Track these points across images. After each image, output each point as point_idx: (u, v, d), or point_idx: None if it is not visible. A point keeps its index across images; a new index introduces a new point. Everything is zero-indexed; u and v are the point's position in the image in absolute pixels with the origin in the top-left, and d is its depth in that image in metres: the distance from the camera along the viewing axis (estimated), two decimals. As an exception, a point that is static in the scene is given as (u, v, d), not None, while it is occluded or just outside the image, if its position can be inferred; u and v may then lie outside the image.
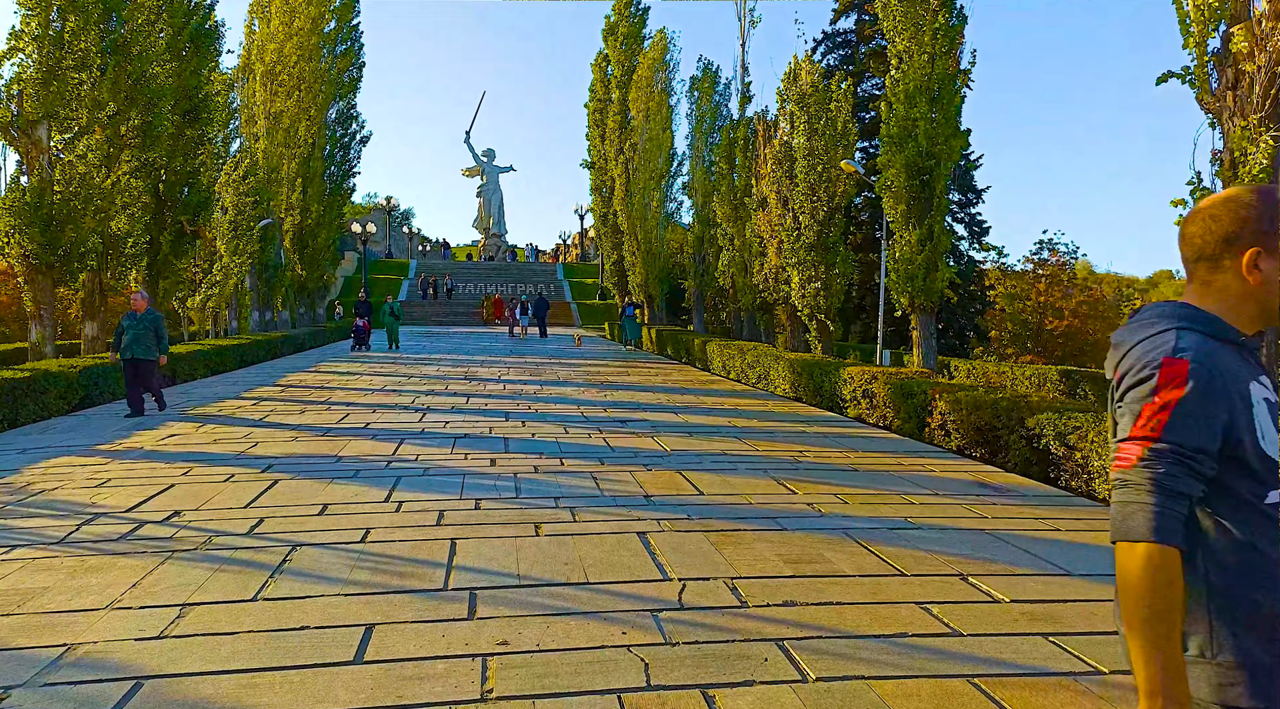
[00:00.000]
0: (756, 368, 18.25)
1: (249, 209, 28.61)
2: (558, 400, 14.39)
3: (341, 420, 11.59)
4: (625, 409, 13.29)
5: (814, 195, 19.31)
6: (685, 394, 15.81)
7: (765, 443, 10.13)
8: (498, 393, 15.48)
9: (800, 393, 15.81)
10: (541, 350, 28.77)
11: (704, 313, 34.04)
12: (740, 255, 25.75)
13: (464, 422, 11.60)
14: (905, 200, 15.31)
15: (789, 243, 19.95)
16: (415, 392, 15.43)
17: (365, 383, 17.03)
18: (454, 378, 18.42)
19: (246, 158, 28.37)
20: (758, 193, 23.71)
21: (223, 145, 28.95)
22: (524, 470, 8.26)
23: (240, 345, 21.92)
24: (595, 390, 16.08)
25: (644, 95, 38.86)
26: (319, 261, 38.78)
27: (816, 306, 19.41)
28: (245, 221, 28.43)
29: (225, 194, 27.91)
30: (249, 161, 28.32)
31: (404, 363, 22.53)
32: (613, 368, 22.00)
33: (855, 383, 13.34)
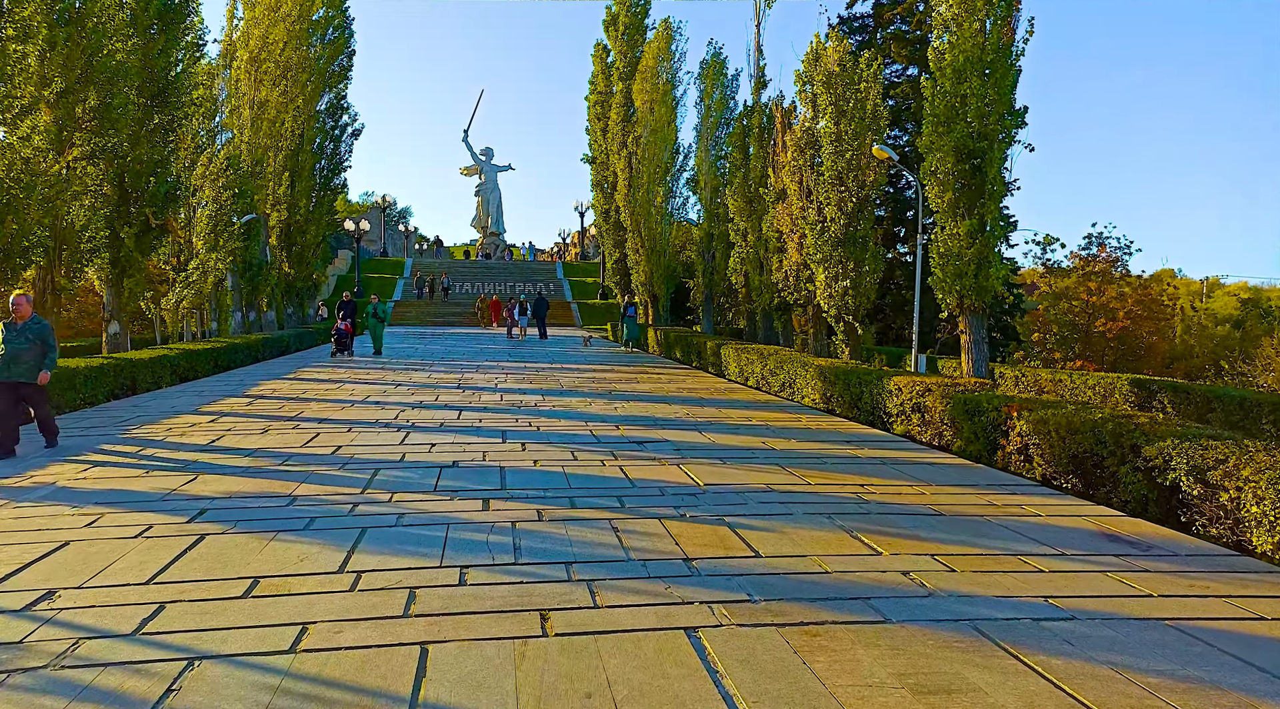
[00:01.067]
0: (780, 374, 16.52)
1: (230, 203, 26.84)
2: (563, 415, 12.64)
3: (309, 443, 9.83)
4: (641, 426, 11.54)
5: (841, 184, 17.56)
6: (705, 406, 14.06)
7: (816, 473, 8.38)
8: (494, 405, 13.73)
9: (834, 404, 14.08)
10: (542, 354, 27.02)
11: (712, 313, 32.25)
12: (754, 251, 24.02)
13: (453, 444, 9.84)
14: (953, 187, 13.58)
15: (813, 237, 18.21)
16: (400, 404, 13.67)
17: (345, 393, 15.27)
18: (446, 386, 16.66)
19: (226, 148, 26.56)
20: (775, 184, 21.99)
21: (207, 137, 27.24)
22: (525, 518, 6.51)
23: (215, 349, 20.15)
24: (603, 402, 14.34)
25: (648, 86, 37.22)
26: (308, 259, 37.00)
27: (844, 307, 17.67)
28: (226, 216, 26.68)
29: (204, 187, 26.15)
30: (228, 151, 26.50)
31: (392, 368, 20.75)
32: (620, 373, 20.25)
33: (904, 395, 11.61)
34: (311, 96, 36.45)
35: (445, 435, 10.46)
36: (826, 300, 17.92)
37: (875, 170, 17.46)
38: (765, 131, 23.61)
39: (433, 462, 8.71)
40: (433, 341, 32.80)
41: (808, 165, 19.46)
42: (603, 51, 46.08)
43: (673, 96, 37.16)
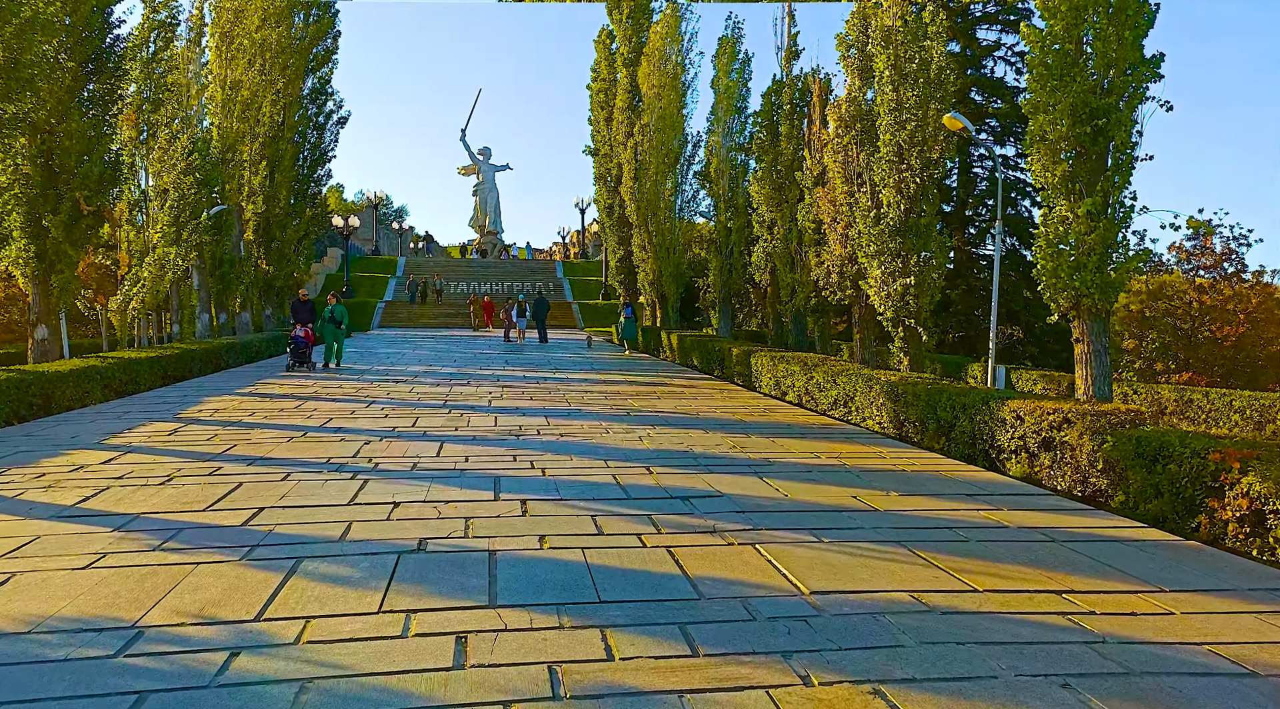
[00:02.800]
0: (831, 390, 13.66)
1: (194, 192, 23.95)
2: (574, 448, 9.77)
3: (218, 502, 6.96)
4: (679, 467, 8.67)
5: (902, 162, 14.71)
6: (750, 433, 11.20)
7: (966, 563, 5.52)
8: (486, 432, 10.86)
9: (909, 430, 11.24)
10: (543, 360, 24.14)
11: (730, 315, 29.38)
12: (784, 245, 21.17)
13: (425, 503, 6.97)
14: (1069, 157, 10.73)
15: (865, 226, 15.35)
16: (366, 433, 10.80)
17: (302, 415, 12.39)
18: (429, 404, 13.79)
19: (188, 129, 23.68)
20: (812, 167, 19.14)
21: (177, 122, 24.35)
22: (529, 683, 3.66)
23: (162, 358, 17.24)
24: (623, 428, 11.47)
25: (656, 70, 34.43)
26: (288, 256, 34.08)
27: (904, 308, 14.81)
28: (189, 207, 23.79)
29: (161, 173, 23.27)
30: (191, 133, 23.61)
31: (369, 380, 17.87)
32: (634, 386, 17.38)
33: (1026, 425, 8.76)
34: (292, 80, 33.60)
35: (416, 486, 7.59)
36: (882, 300, 15.07)
37: (943, 145, 14.62)
38: (797, 109, 20.78)
39: (388, 542, 5.82)
40: (422, 345, 29.93)
41: (855, 143, 16.61)
42: (606, 37, 43.36)
43: (682, 82, 34.42)
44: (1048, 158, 10.87)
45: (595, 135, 43.71)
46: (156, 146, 23.00)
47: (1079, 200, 10.69)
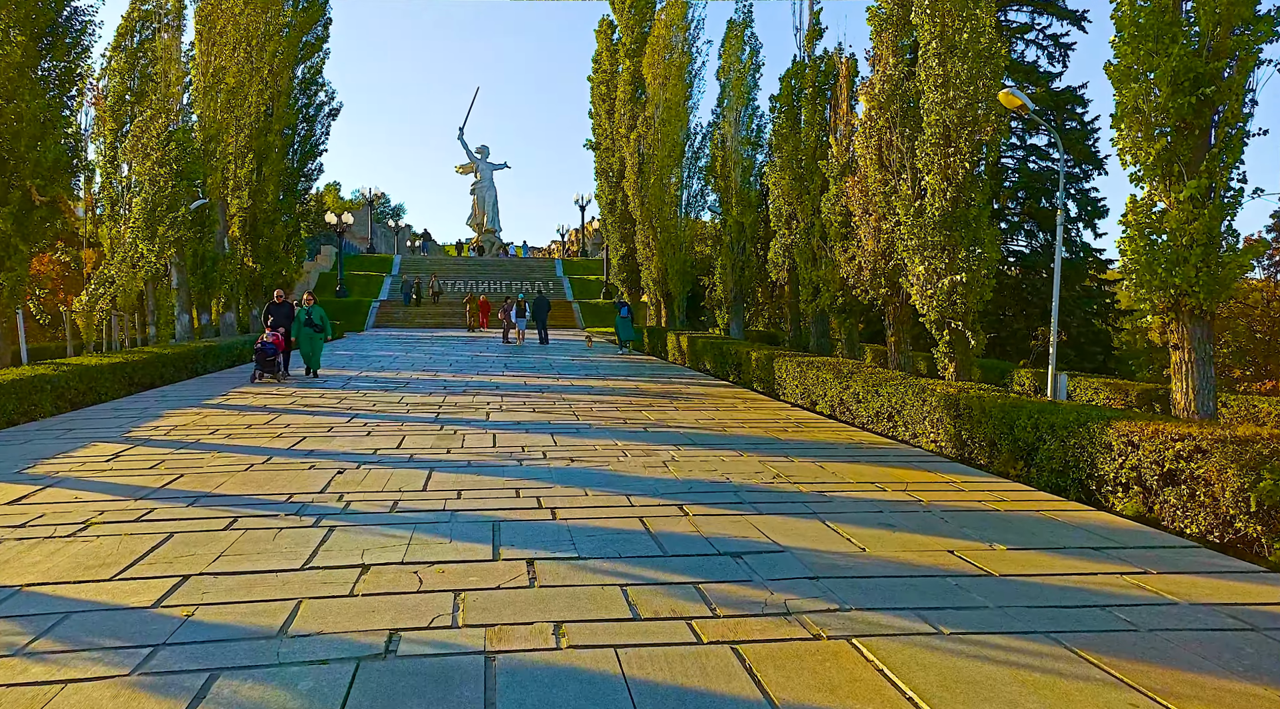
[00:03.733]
0: (873, 402, 12.07)
1: (171, 186, 22.34)
2: (588, 478, 8.16)
3: (132, 566, 5.36)
4: (720, 506, 7.08)
5: (949, 146, 13.11)
6: (791, 454, 9.60)
7: (1164, 676, 3.93)
8: (483, 455, 9.25)
9: (972, 451, 9.66)
10: (544, 363, 22.54)
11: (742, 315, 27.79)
12: (805, 240, 19.56)
13: (402, 569, 5.38)
14: (1167, 133, 9.14)
15: (906, 217, 13.76)
16: (342, 458, 9.19)
17: (270, 434, 10.79)
18: (418, 418, 12.19)
19: (163, 116, 22.03)
20: (838, 154, 17.54)
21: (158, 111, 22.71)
22: None
23: (127, 364, 15.60)
24: (642, 448, 9.86)
25: (661, 58, 32.92)
26: (277, 253, 32.41)
27: (950, 309, 13.22)
28: (165, 200, 22.18)
29: (133, 163, 21.66)
30: (166, 121, 21.97)
31: (358, 386, 16.26)
32: (647, 394, 15.78)
33: (1142, 454, 7.17)
34: (281, 69, 31.97)
35: (393, 537, 5.99)
36: (925, 300, 13.47)
37: (995, 125, 13.02)
38: (819, 93, 19.17)
39: (346, 638, 4.22)
40: (417, 348, 28.33)
41: (890, 126, 15.02)
42: (608, 27, 41.87)
43: (688, 72, 32.91)
44: (1140, 135, 9.29)
45: (596, 129, 42.18)
46: (129, 135, 21.38)
47: (1178, 183, 9.10)
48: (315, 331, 17.38)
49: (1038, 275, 23.21)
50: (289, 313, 16.96)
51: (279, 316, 16.77)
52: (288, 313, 16.89)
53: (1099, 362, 23.34)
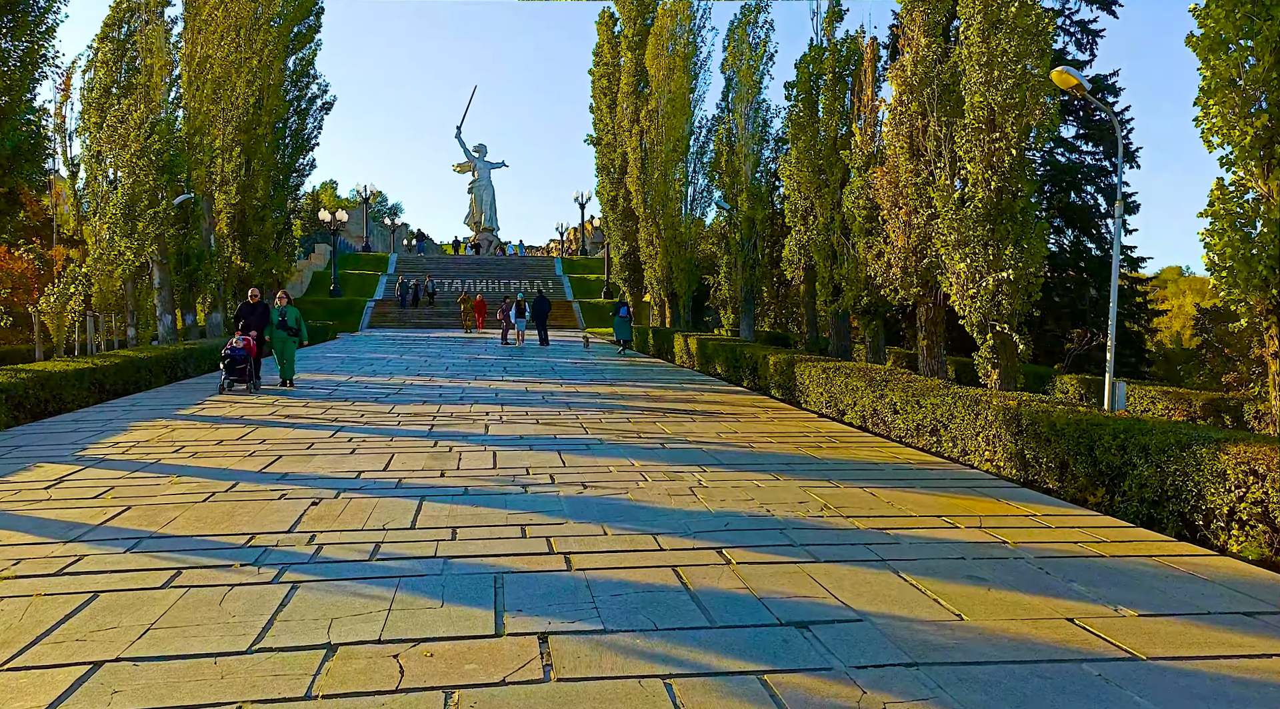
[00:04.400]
0: (915, 413, 10.89)
1: (152, 179, 21.13)
2: (606, 512, 6.97)
3: (26, 651, 4.17)
4: (767, 548, 5.89)
5: (994, 130, 11.93)
6: (831, 477, 8.42)
7: None
8: (482, 482, 8.05)
9: (1040, 474, 8.49)
10: (546, 367, 21.36)
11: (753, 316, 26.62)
12: (824, 236, 18.38)
13: (378, 651, 4.19)
14: (1266, 110, 7.96)
15: (945, 209, 12.58)
16: (319, 486, 8.01)
17: (244, 450, 9.60)
18: (410, 432, 10.99)
19: (142, 105, 20.80)
20: (862, 144, 16.35)
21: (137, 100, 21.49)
22: None
23: (96, 369, 14.38)
24: (664, 471, 8.67)
25: (665, 49, 31.81)
26: (267, 251, 31.24)
27: (995, 310, 12.05)
28: (145, 194, 20.98)
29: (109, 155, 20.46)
30: (147, 110, 20.73)
31: (346, 394, 15.06)
32: (658, 401, 14.59)
33: (1269, 486, 6.00)
34: (271, 59, 30.76)
35: (370, 599, 4.79)
36: (966, 301, 12.28)
37: (1044, 108, 11.84)
38: (840, 78, 17.99)
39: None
40: (412, 349, 27.13)
41: (924, 112, 13.85)
42: (609, 19, 40.74)
43: (693, 63, 31.80)
44: (1233, 111, 8.11)
45: (598, 124, 41.01)
46: (104, 123, 20.18)
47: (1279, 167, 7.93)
48: (289, 335, 15.79)
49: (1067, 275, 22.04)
50: (263, 314, 15.42)
51: (252, 319, 15.17)
52: (262, 314, 15.35)
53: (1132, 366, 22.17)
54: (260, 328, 15.23)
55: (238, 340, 14.53)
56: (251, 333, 14.81)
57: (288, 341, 15.78)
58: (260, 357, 15.21)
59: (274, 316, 15.68)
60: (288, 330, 15.74)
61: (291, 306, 16.05)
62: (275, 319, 15.65)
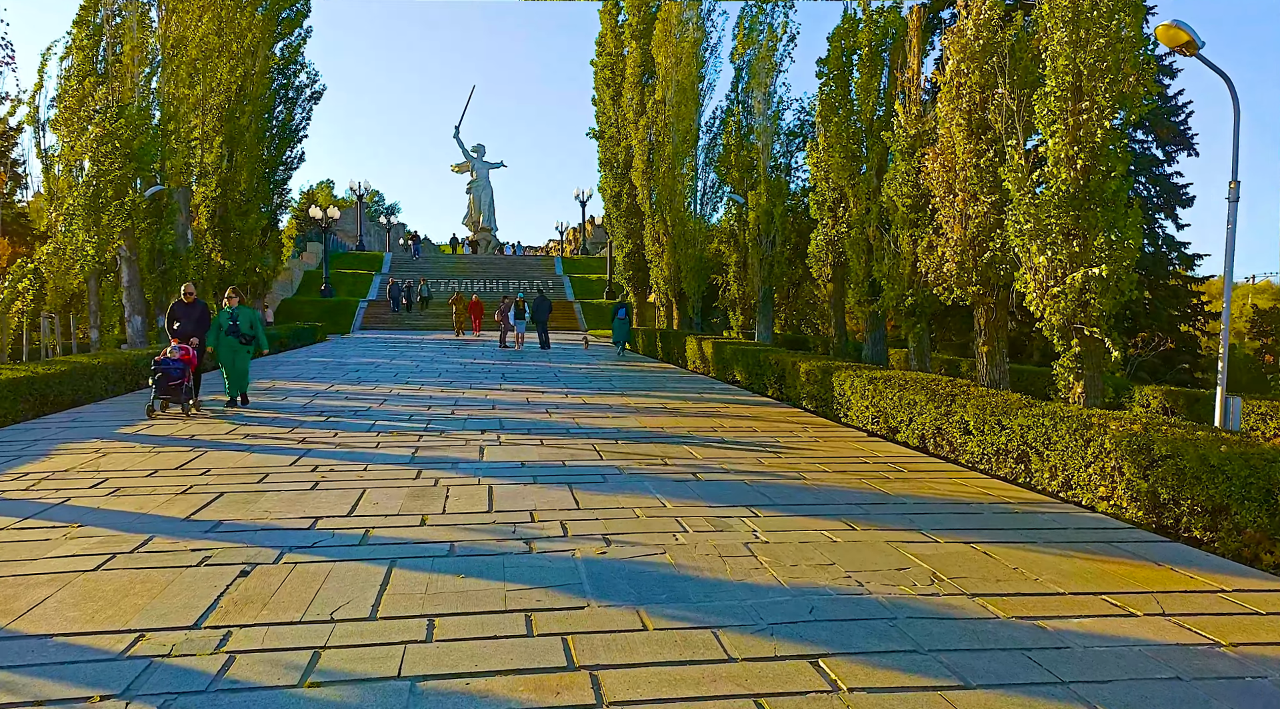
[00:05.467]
0: (991, 434, 9.03)
1: (117, 168, 19.29)
2: (640, 585, 5.10)
3: None
4: (873, 652, 4.07)
5: (1081, 99, 10.09)
6: (918, 525, 6.58)
7: None
8: (473, 536, 6.17)
9: (1180, 517, 6.66)
10: (548, 374, 19.52)
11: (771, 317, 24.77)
12: (859, 229, 16.55)
13: None
14: None
15: (1019, 194, 10.75)
16: (260, 539, 6.15)
17: (177, 486, 7.74)
18: (389, 459, 9.14)
19: (103, 85, 18.93)
20: (906, 125, 14.51)
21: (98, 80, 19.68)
22: None
23: (34, 379, 12.48)
24: (701, 514, 6.82)
25: (671, 36, 30.08)
26: (250, 248, 29.33)
27: (1082, 310, 10.21)
28: (110, 184, 19.14)
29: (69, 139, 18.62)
30: (105, 91, 18.87)
31: (322, 407, 13.20)
32: (678, 414, 12.74)
33: None
34: (255, 46, 28.91)
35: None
36: (1048, 301, 10.43)
37: (1141, 72, 10.00)
38: (876, 54, 16.16)
39: None
40: (404, 353, 25.28)
41: (987, 83, 12.02)
42: (612, 6, 38.92)
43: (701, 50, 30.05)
44: None
45: (600, 116, 39.21)
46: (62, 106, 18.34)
47: None
48: (242, 343, 12.75)
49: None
50: (202, 317, 12.55)
51: (188, 322, 12.26)
52: (201, 317, 12.50)
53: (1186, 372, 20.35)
54: (200, 333, 12.36)
55: (172, 350, 11.61)
56: (192, 340, 12.00)
57: (239, 351, 12.78)
58: (200, 370, 12.54)
59: (221, 320, 12.79)
60: (239, 337, 12.74)
61: (245, 308, 13.15)
62: (223, 323, 12.74)
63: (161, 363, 11.36)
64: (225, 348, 12.72)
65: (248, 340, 12.81)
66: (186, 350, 11.42)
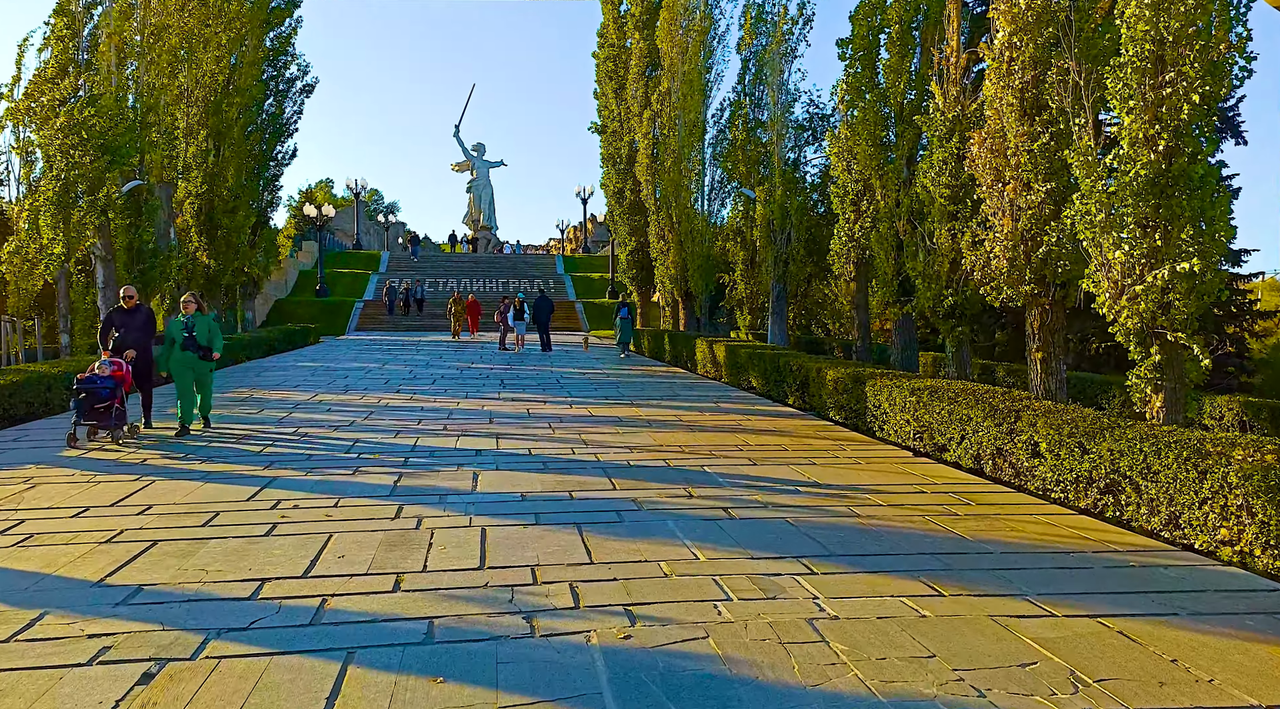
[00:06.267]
0: (1073, 460, 7.70)
1: (89, 162, 17.98)
2: (680, 695, 3.80)
3: None
4: None
5: (1164, 71, 8.75)
6: (1010, 580, 5.27)
7: None
8: (458, 611, 4.83)
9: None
10: (550, 379, 18.20)
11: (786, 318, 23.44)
12: (887, 223, 15.21)
13: None
14: None
15: (1088, 180, 9.42)
16: (173, 619, 4.81)
17: (100, 532, 6.43)
18: (364, 491, 7.82)
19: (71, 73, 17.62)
20: (945, 107, 13.17)
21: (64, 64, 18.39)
22: None
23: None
24: (744, 568, 5.49)
25: (677, 25, 28.84)
26: (238, 247, 27.99)
27: (1163, 312, 8.89)
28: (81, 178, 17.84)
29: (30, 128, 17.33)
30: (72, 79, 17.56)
31: (301, 420, 11.88)
32: (700, 431, 11.41)
33: None
34: (243, 35, 27.57)
35: None
36: (1126, 301, 9.09)
37: (1234, 38, 8.66)
38: (907, 31, 14.83)
39: None
40: (398, 357, 23.96)
41: (1044, 57, 10.70)
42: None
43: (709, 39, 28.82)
44: None
45: (602, 110, 37.95)
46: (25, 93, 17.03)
47: None
48: (200, 358, 10.62)
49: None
50: (145, 325, 10.50)
51: (129, 331, 10.18)
52: (143, 325, 10.44)
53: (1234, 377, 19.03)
54: (142, 344, 10.24)
55: (101, 364, 9.50)
56: (128, 353, 9.88)
57: (197, 367, 10.64)
58: (151, 386, 10.69)
59: (173, 332, 10.58)
60: (196, 350, 10.53)
61: (202, 315, 10.87)
62: (176, 335, 10.52)
63: (86, 381, 9.37)
64: (177, 364, 10.59)
65: (205, 354, 10.72)
66: (120, 365, 9.61)
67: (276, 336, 26.99)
